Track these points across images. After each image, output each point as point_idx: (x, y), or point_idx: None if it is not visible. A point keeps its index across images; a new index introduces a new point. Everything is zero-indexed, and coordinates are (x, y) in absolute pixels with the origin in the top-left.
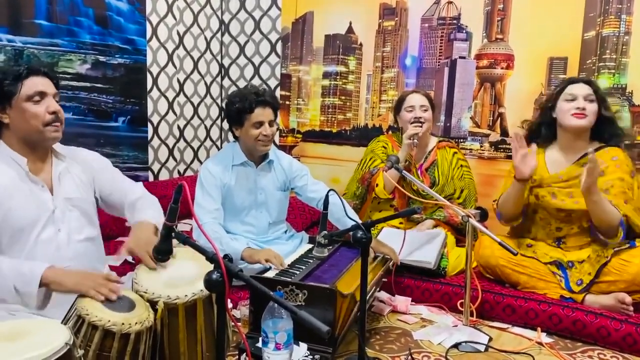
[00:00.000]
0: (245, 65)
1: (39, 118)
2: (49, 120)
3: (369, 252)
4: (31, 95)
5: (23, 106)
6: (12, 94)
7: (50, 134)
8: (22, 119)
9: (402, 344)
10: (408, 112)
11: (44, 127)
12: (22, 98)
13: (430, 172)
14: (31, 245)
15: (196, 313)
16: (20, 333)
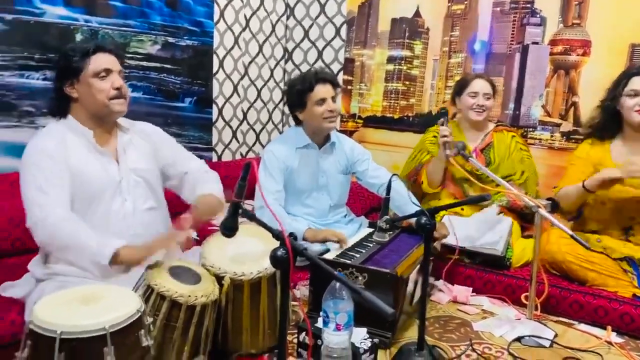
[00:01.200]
0: (309, 49)
1: (104, 93)
2: (113, 95)
3: (432, 238)
4: (97, 72)
5: (90, 81)
6: (80, 70)
7: (115, 107)
8: (89, 94)
9: (462, 334)
10: (471, 97)
11: (109, 101)
12: (89, 74)
13: (485, 153)
14: (100, 214)
15: (260, 290)
16: (94, 297)
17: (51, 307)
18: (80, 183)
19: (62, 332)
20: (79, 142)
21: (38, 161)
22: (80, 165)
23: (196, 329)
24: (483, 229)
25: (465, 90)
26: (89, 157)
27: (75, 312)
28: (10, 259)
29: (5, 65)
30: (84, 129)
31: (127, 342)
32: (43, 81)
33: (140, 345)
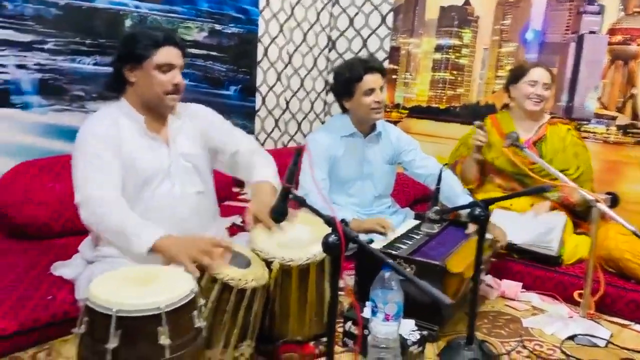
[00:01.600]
0: (354, 37)
1: (162, 87)
2: (170, 90)
3: (486, 230)
4: (161, 65)
5: (151, 72)
6: (144, 58)
7: (168, 103)
8: (147, 83)
9: (511, 330)
10: (530, 85)
11: (164, 95)
12: (152, 64)
13: (537, 146)
14: (150, 198)
15: (308, 277)
16: (149, 277)
17: (107, 285)
18: (130, 167)
19: (118, 310)
20: (131, 126)
21: (90, 143)
22: (132, 149)
23: (245, 312)
24: (536, 227)
25: (522, 78)
26: (140, 142)
27: (130, 291)
28: (60, 239)
29: (58, 50)
30: (136, 114)
31: (181, 323)
32: (94, 66)
33: (194, 326)
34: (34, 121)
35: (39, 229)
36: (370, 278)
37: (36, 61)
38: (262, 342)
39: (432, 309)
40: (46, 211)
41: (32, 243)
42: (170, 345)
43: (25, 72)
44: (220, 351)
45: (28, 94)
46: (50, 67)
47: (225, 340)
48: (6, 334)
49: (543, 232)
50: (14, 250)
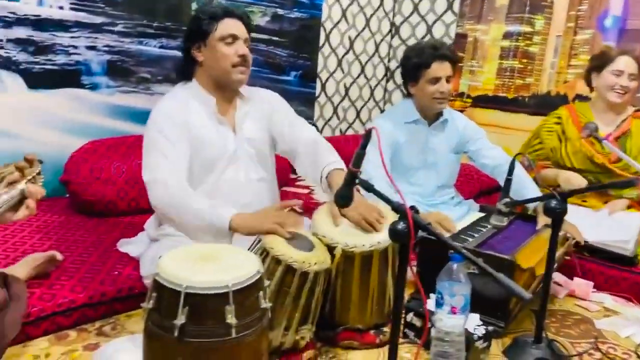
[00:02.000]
0: (418, 23)
1: (228, 59)
2: (236, 62)
3: (562, 224)
4: (224, 37)
5: (216, 45)
6: (208, 33)
7: (237, 76)
8: (213, 59)
9: (582, 331)
10: (615, 75)
11: (231, 68)
12: (215, 38)
13: (620, 142)
14: (214, 182)
15: (371, 265)
16: (216, 256)
17: (177, 261)
18: (198, 150)
19: (187, 287)
20: (201, 108)
21: (161, 124)
22: (200, 132)
23: (307, 296)
24: (610, 225)
25: (607, 66)
26: (209, 125)
27: (199, 268)
28: (126, 217)
29: (127, 32)
30: (207, 96)
31: (247, 303)
32: (159, 49)
33: (260, 307)
34: (102, 102)
35: (106, 206)
36: (434, 269)
37: (106, 43)
38: (322, 328)
39: (497, 304)
40: (112, 189)
41: (100, 220)
42: (236, 325)
43: (95, 54)
44: (282, 334)
45: (97, 74)
46: (119, 49)
47: (287, 323)
48: (75, 305)
49: (618, 231)
50: (83, 225)
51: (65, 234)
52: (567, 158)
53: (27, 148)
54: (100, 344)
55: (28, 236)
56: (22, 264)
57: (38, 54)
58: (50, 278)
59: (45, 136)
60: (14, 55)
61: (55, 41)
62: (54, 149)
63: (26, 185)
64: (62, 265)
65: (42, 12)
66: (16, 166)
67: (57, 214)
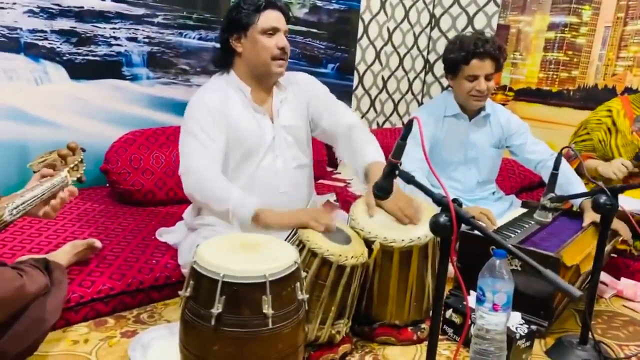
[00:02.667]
0: (459, 14)
1: (268, 51)
2: (276, 54)
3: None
4: (266, 29)
5: (256, 37)
6: (249, 25)
7: (276, 69)
8: (253, 50)
9: (631, 333)
10: None
11: (271, 61)
12: (257, 30)
13: None
14: (253, 170)
15: (410, 261)
16: (253, 245)
17: (215, 250)
18: (236, 139)
19: (225, 275)
20: (238, 98)
21: (198, 115)
22: (238, 121)
23: (344, 290)
24: None
25: None
26: (245, 114)
27: (236, 257)
28: (165, 207)
29: (167, 23)
30: (243, 85)
31: (284, 294)
32: (198, 41)
33: (297, 298)
34: (142, 92)
35: (144, 195)
36: (475, 265)
37: (146, 34)
38: (359, 323)
39: (541, 302)
40: (151, 179)
41: (139, 209)
42: (273, 315)
43: (135, 45)
44: (318, 327)
45: (137, 66)
46: (159, 41)
47: (323, 316)
48: (114, 293)
49: None
50: (122, 214)
51: (105, 222)
52: (617, 150)
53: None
54: (137, 331)
55: (69, 224)
56: (63, 251)
57: (80, 45)
58: (90, 265)
59: (87, 126)
60: (57, 46)
61: (97, 32)
62: (94, 138)
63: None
64: (101, 253)
65: (84, 4)
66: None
67: (97, 202)
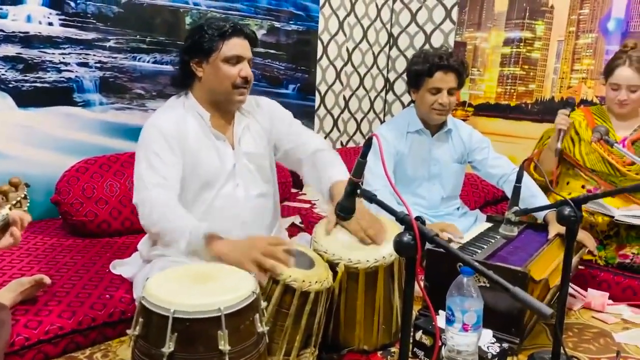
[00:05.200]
0: (416, 33)
1: (229, 80)
2: (238, 83)
3: (576, 233)
4: (229, 57)
5: (219, 65)
6: (212, 51)
7: (236, 97)
8: (215, 77)
9: (602, 345)
10: (613, 90)
11: (232, 89)
12: (220, 57)
13: (637, 147)
14: (212, 199)
15: (376, 281)
16: (208, 276)
17: (165, 283)
18: (194, 166)
19: (176, 311)
20: (196, 123)
21: (153, 140)
22: (196, 148)
23: (308, 317)
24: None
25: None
26: (204, 140)
27: (189, 290)
28: (120, 238)
29: (120, 47)
30: (202, 110)
31: (242, 327)
32: (153, 64)
33: (256, 331)
34: (95, 119)
35: (99, 226)
36: (443, 284)
37: (98, 59)
38: (326, 350)
39: (511, 319)
40: (105, 209)
41: (93, 241)
42: (230, 352)
43: (87, 70)
44: (282, 359)
45: (89, 92)
46: (112, 65)
47: (287, 347)
48: (64, 332)
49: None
50: (75, 247)
51: (56, 256)
52: (581, 158)
53: (18, 168)
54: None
55: (17, 260)
56: (7, 289)
57: (27, 71)
58: (37, 304)
59: (36, 155)
60: (2, 74)
61: (45, 58)
62: (45, 168)
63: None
64: (51, 290)
65: (30, 29)
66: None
67: (48, 235)
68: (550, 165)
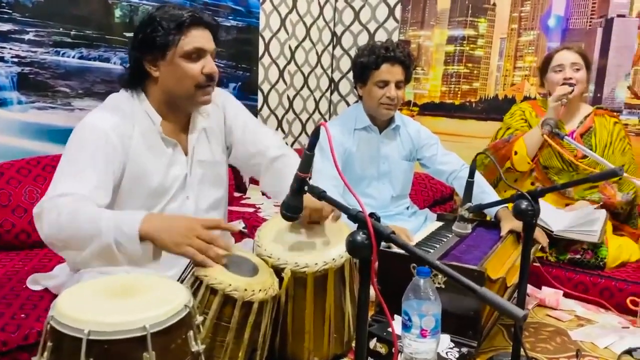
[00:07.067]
0: (359, 32)
1: (192, 78)
2: (202, 81)
3: (534, 228)
4: (189, 52)
5: (177, 62)
6: (168, 46)
7: (200, 98)
8: (173, 77)
9: (559, 344)
10: (556, 72)
11: (195, 90)
12: (178, 52)
13: (585, 139)
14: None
15: (326, 286)
16: (133, 289)
17: (79, 299)
18: (138, 176)
19: (91, 332)
20: (145, 127)
21: (86, 138)
22: (141, 155)
23: (252, 330)
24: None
25: (550, 65)
26: (153, 147)
27: (108, 306)
28: (42, 249)
29: (40, 41)
30: (154, 114)
31: (173, 347)
32: (79, 60)
33: (189, 350)
34: (13, 119)
35: (16, 237)
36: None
37: (15, 53)
38: None
39: (468, 322)
40: (24, 217)
41: (10, 254)
42: None
43: (2, 65)
44: None
45: (6, 89)
46: (31, 60)
47: None
48: None
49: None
50: None
51: None
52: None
53: None
54: None
55: None
56: None
57: None
58: None
59: None
60: None
61: None
62: None
63: None
64: None
65: None
66: None
67: None
68: (535, 150)
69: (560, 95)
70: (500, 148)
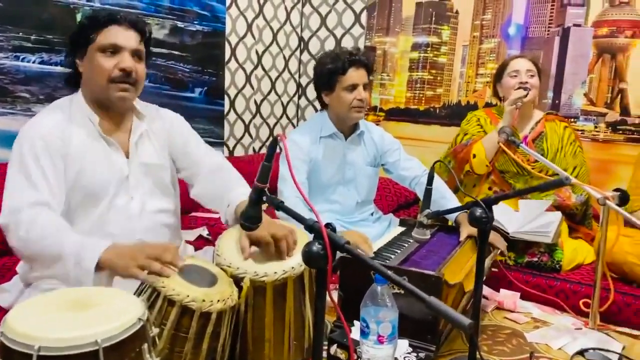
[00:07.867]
0: (326, 37)
1: (104, 73)
2: (115, 76)
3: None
4: (104, 46)
5: (93, 56)
6: (88, 41)
7: (115, 93)
8: (91, 71)
9: (515, 346)
10: (512, 77)
11: (107, 84)
12: (94, 47)
13: (537, 144)
14: (103, 212)
15: (286, 295)
16: (86, 303)
17: (30, 314)
18: (77, 175)
19: (41, 348)
20: (84, 127)
21: (28, 147)
22: (80, 154)
23: (211, 340)
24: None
25: (505, 71)
26: (93, 147)
27: (60, 321)
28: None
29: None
30: (90, 112)
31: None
32: (39, 65)
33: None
34: None
35: None
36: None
37: None
38: None
39: (426, 326)
40: None
41: None
42: None
43: None
44: None
45: None
46: None
47: None
48: None
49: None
50: None
51: None
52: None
53: None
54: None
55: None
56: None
57: None
58: None
59: None
60: None
61: None
62: None
63: None
64: None
65: None
66: None
67: None
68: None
69: (516, 99)
70: (459, 152)
